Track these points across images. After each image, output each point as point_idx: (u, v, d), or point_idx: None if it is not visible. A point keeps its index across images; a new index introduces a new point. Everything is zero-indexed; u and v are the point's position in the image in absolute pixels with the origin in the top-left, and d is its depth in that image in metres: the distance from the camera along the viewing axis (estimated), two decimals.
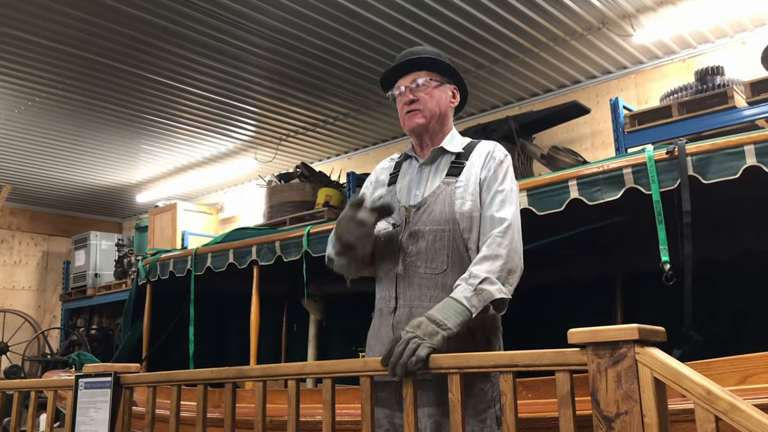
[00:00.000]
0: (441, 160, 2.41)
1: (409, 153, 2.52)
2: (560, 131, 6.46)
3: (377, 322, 2.34)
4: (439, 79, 2.46)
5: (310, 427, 3.06)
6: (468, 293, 2.03)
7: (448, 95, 2.48)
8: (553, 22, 5.33)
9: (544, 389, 2.85)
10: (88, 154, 8.08)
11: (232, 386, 2.43)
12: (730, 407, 1.43)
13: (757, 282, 3.45)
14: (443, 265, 2.22)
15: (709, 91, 4.54)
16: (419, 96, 2.40)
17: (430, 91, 2.42)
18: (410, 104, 2.41)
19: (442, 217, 2.25)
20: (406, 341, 1.92)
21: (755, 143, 2.66)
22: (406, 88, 2.43)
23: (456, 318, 1.98)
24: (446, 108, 2.46)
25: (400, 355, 1.91)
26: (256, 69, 5.95)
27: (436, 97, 2.43)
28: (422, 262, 2.24)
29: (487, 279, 2.06)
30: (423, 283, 2.22)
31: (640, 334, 1.56)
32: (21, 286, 10.31)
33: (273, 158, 8.19)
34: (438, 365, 1.88)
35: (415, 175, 2.43)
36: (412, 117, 2.41)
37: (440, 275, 2.21)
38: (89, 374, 2.91)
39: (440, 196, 2.29)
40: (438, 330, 1.94)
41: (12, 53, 5.51)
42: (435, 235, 2.24)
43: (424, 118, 2.40)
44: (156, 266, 5.26)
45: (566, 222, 3.32)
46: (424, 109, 2.40)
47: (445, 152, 2.42)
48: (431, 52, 2.51)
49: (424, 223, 2.27)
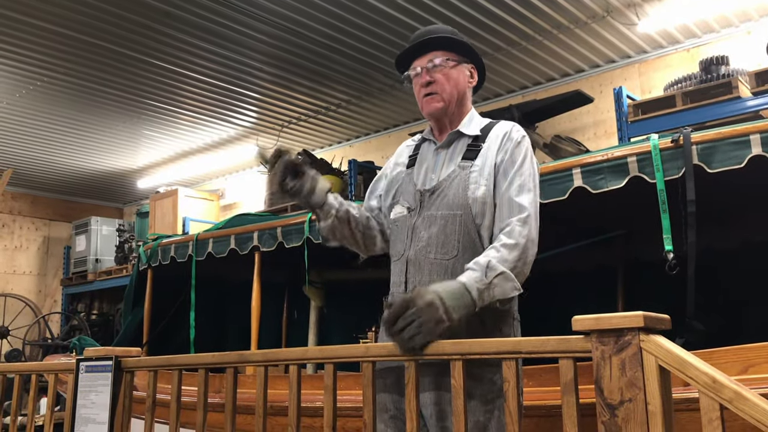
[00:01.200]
0: (458, 143, 2.34)
1: (426, 136, 2.45)
2: (563, 120, 6.44)
3: None
4: (456, 58, 2.36)
5: (311, 412, 3.07)
6: (481, 285, 1.96)
7: (465, 75, 2.39)
8: (557, 9, 5.30)
9: (546, 377, 2.85)
10: (89, 139, 8.06)
11: (234, 371, 2.43)
12: (736, 396, 1.42)
13: (760, 272, 3.44)
14: (454, 250, 2.16)
15: (714, 81, 4.52)
16: (436, 77, 2.32)
17: (447, 71, 2.33)
18: (427, 86, 2.33)
19: (455, 202, 2.19)
20: (409, 322, 1.86)
21: (761, 132, 2.64)
22: (422, 69, 2.34)
23: (462, 310, 1.92)
24: (464, 89, 2.38)
25: (399, 331, 1.87)
26: (259, 55, 5.92)
27: (454, 77, 2.34)
28: (433, 248, 2.18)
29: (503, 274, 1.99)
30: (433, 269, 2.17)
31: (645, 322, 1.55)
32: (22, 271, 10.32)
33: (275, 145, 8.17)
34: (441, 351, 1.87)
35: (431, 158, 2.37)
36: (430, 101, 2.34)
37: (451, 261, 2.15)
38: (90, 358, 2.91)
39: (454, 181, 2.23)
40: (443, 319, 1.87)
41: (13, 37, 5.48)
42: (447, 220, 2.18)
43: (443, 102, 2.32)
44: (157, 251, 5.26)
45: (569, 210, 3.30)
46: (442, 91, 2.31)
47: (462, 135, 2.34)
48: (447, 31, 2.41)
49: (437, 208, 2.22)
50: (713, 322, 2.91)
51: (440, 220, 2.20)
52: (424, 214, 2.24)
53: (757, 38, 5.43)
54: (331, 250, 4.22)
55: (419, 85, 2.36)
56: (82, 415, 2.85)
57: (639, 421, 1.53)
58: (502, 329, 2.13)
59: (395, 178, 2.45)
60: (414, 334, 1.86)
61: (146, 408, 2.71)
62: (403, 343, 1.88)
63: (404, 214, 2.30)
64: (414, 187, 2.33)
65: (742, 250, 3.61)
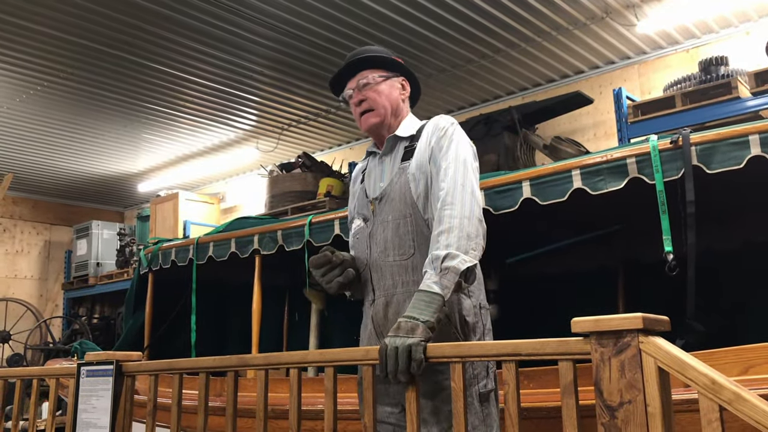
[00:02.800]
0: (398, 147, 2.44)
1: (370, 149, 2.56)
2: (563, 121, 6.44)
3: (364, 315, 2.42)
4: (385, 74, 2.47)
5: (313, 415, 3.07)
6: (434, 278, 2.02)
7: (397, 87, 2.49)
8: (556, 11, 5.30)
9: (545, 379, 2.85)
10: (89, 143, 8.07)
11: (234, 375, 2.43)
12: (735, 397, 1.43)
13: (760, 273, 3.44)
14: (410, 249, 2.26)
15: (713, 81, 4.52)
16: (367, 95, 2.43)
17: (377, 87, 2.44)
18: (360, 104, 2.44)
19: (401, 204, 2.29)
20: (395, 348, 1.89)
21: (760, 133, 2.64)
22: (354, 90, 2.46)
23: (428, 308, 1.97)
24: (396, 100, 2.48)
25: (395, 362, 1.89)
26: (258, 58, 5.93)
27: (385, 92, 2.45)
28: (390, 251, 2.28)
29: (448, 255, 2.03)
30: (394, 271, 2.27)
31: (644, 323, 1.55)
32: (23, 275, 10.32)
33: (275, 148, 8.18)
34: (440, 354, 1.88)
35: (377, 167, 2.48)
36: (366, 118, 2.44)
37: (409, 260, 2.25)
38: (91, 362, 2.91)
39: (397, 183, 2.33)
40: (417, 323, 1.92)
41: (14, 42, 5.49)
42: (398, 223, 2.28)
43: (378, 116, 2.43)
44: (158, 255, 5.26)
45: (569, 211, 3.30)
46: (376, 107, 2.43)
47: (400, 139, 2.44)
48: (375, 50, 2.54)
49: (387, 213, 2.32)
50: (713, 323, 2.91)
51: (392, 223, 2.30)
52: (378, 221, 2.35)
53: (756, 38, 5.43)
54: None
55: (354, 105, 2.48)
56: (84, 420, 2.85)
57: (638, 422, 1.53)
58: (466, 319, 2.18)
59: (357, 196, 2.55)
60: (407, 351, 1.88)
61: (147, 412, 2.71)
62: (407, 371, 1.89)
63: (361, 225, 2.42)
64: (366, 198, 2.45)
65: (743, 251, 3.61)
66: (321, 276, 2.33)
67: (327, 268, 2.32)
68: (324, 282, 2.33)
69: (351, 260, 2.38)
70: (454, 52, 5.89)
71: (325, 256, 2.32)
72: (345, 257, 2.36)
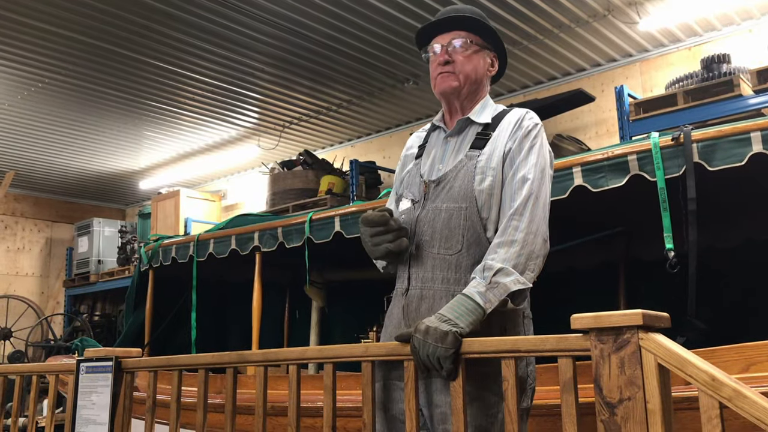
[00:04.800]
0: (468, 131, 2.22)
1: (436, 123, 2.32)
2: (565, 119, 6.43)
3: (393, 303, 2.23)
4: (480, 42, 2.24)
5: (313, 412, 3.06)
6: (482, 288, 1.88)
7: (486, 62, 2.27)
8: (558, 9, 5.29)
9: (545, 376, 2.84)
10: (91, 140, 8.07)
11: (233, 371, 2.42)
12: (735, 394, 1.42)
13: (761, 270, 3.43)
14: (458, 245, 2.06)
15: (715, 79, 4.51)
16: (456, 58, 2.20)
17: (468, 54, 2.21)
18: (444, 65, 2.20)
19: (460, 194, 2.08)
20: (426, 355, 1.82)
21: (761, 130, 2.63)
22: (442, 48, 2.23)
23: (468, 316, 1.85)
24: (482, 75, 2.25)
25: (430, 368, 1.83)
26: (260, 55, 5.92)
27: (474, 61, 2.22)
28: (437, 242, 2.08)
29: (502, 270, 1.90)
30: (436, 264, 2.08)
31: (644, 320, 1.54)
32: (24, 272, 10.33)
33: (276, 145, 8.17)
34: None
35: (440, 147, 2.25)
36: (444, 78, 2.21)
37: (454, 256, 2.06)
38: (90, 359, 2.90)
39: (461, 171, 2.11)
40: (448, 330, 1.81)
41: (15, 39, 5.49)
42: (451, 214, 2.08)
43: (458, 81, 2.20)
44: (158, 252, 5.26)
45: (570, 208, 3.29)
46: (459, 72, 2.20)
47: (472, 123, 2.22)
48: (475, 12, 2.27)
49: (442, 200, 2.11)
50: (714, 321, 2.90)
51: (445, 213, 2.09)
52: (429, 206, 2.13)
53: (758, 36, 5.42)
54: (332, 250, 4.24)
55: (436, 63, 2.24)
56: (83, 416, 2.85)
57: (638, 419, 1.52)
58: (508, 328, 2.03)
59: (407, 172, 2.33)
60: (436, 359, 1.82)
61: (146, 408, 2.71)
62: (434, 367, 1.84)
63: (409, 206, 2.20)
64: (420, 178, 2.22)
65: (744, 248, 3.60)
66: (370, 236, 2.11)
67: (381, 230, 2.09)
68: (371, 243, 2.11)
69: (407, 231, 2.15)
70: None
71: (383, 216, 2.09)
72: (402, 225, 2.14)
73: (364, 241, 2.15)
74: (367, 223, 2.11)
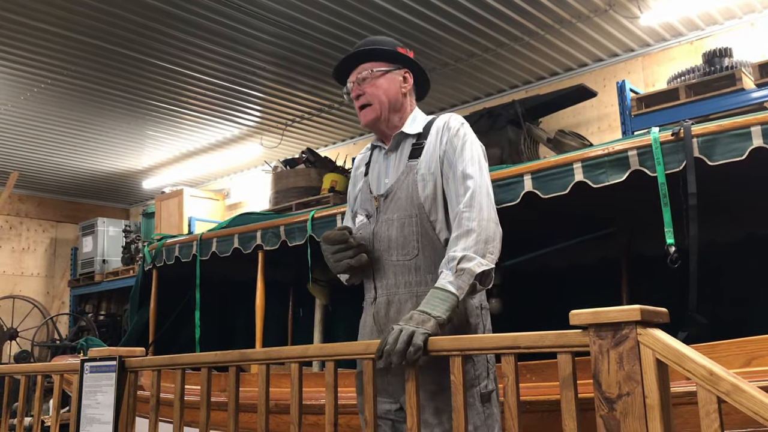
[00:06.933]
0: (404, 144, 2.41)
1: (375, 143, 2.53)
2: (567, 115, 6.42)
3: (364, 312, 2.40)
4: (384, 67, 2.42)
5: (316, 410, 3.07)
6: (450, 277, 2.04)
7: (397, 81, 2.44)
8: (559, 4, 5.28)
9: (547, 372, 2.85)
10: (94, 140, 8.09)
11: (236, 369, 2.44)
12: (733, 388, 1.42)
13: (762, 265, 3.43)
14: (414, 250, 2.24)
15: (717, 73, 4.49)
16: (365, 89, 2.40)
17: (375, 82, 2.40)
18: (358, 99, 2.42)
19: (408, 203, 2.27)
20: (398, 331, 1.92)
21: (762, 124, 2.62)
22: (353, 84, 2.43)
23: (442, 305, 1.99)
24: (396, 94, 2.43)
25: (394, 344, 1.90)
26: (262, 54, 5.92)
27: (383, 87, 2.40)
28: (394, 250, 2.26)
29: (464, 257, 2.06)
30: (397, 271, 2.25)
31: (642, 316, 1.55)
32: (30, 273, 10.37)
33: (279, 144, 8.19)
34: (440, 348, 1.88)
35: (382, 163, 2.45)
36: (365, 114, 2.41)
37: (412, 260, 2.24)
38: (94, 358, 2.92)
39: (405, 182, 2.31)
40: (429, 317, 1.94)
41: (17, 40, 5.50)
42: (403, 222, 2.26)
43: (375, 112, 2.39)
44: (162, 251, 5.28)
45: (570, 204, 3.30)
46: (373, 102, 2.39)
47: (407, 135, 2.41)
48: (377, 42, 2.48)
49: (392, 211, 2.30)
50: (716, 316, 2.91)
51: (397, 222, 2.27)
52: (382, 218, 2.32)
53: (760, 30, 5.40)
54: None
55: (354, 99, 2.45)
56: (88, 415, 2.87)
57: (637, 414, 1.53)
58: (468, 320, 2.20)
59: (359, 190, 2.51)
60: (409, 335, 1.90)
61: (150, 407, 2.72)
62: (402, 353, 1.89)
63: (364, 221, 2.38)
64: (370, 193, 2.40)
65: (745, 243, 3.60)
66: (332, 253, 2.29)
67: (341, 247, 2.28)
68: (332, 260, 2.29)
69: (365, 246, 2.32)
70: (457, 46, 5.88)
71: (343, 234, 2.28)
72: (361, 241, 2.31)
73: (327, 258, 2.33)
74: (328, 241, 2.30)
